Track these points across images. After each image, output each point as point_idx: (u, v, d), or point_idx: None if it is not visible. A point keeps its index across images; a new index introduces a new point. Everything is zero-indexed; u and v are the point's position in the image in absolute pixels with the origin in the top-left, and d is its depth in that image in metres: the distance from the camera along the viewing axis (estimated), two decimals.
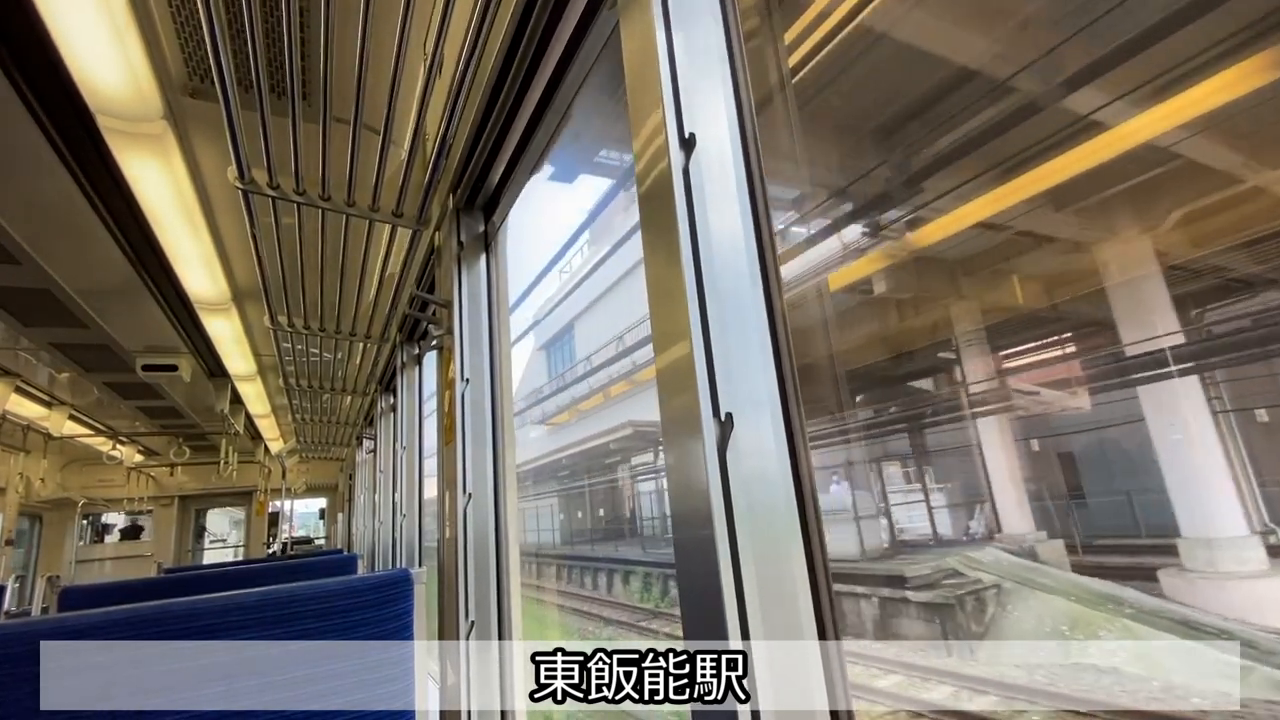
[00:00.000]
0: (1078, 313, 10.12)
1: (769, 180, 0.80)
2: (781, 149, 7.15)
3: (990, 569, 8.18)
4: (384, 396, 4.40)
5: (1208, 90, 5.84)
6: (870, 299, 9.55)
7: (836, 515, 10.31)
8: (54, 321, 3.26)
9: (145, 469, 8.38)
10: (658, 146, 0.75)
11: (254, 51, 1.23)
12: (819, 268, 8.28)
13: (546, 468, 22.52)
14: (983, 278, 9.76)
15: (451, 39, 1.20)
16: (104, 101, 1.67)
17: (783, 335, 0.73)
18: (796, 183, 8.39)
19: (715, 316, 0.70)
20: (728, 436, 0.66)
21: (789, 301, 1.14)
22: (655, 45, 0.77)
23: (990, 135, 6.98)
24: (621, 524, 19.76)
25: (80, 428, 5.83)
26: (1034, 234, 8.44)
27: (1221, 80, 5.74)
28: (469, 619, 1.66)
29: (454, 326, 1.87)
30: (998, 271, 9.50)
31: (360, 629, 1.16)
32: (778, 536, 0.66)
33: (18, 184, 2.09)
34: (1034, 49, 6.28)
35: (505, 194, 1.83)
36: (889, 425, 13.68)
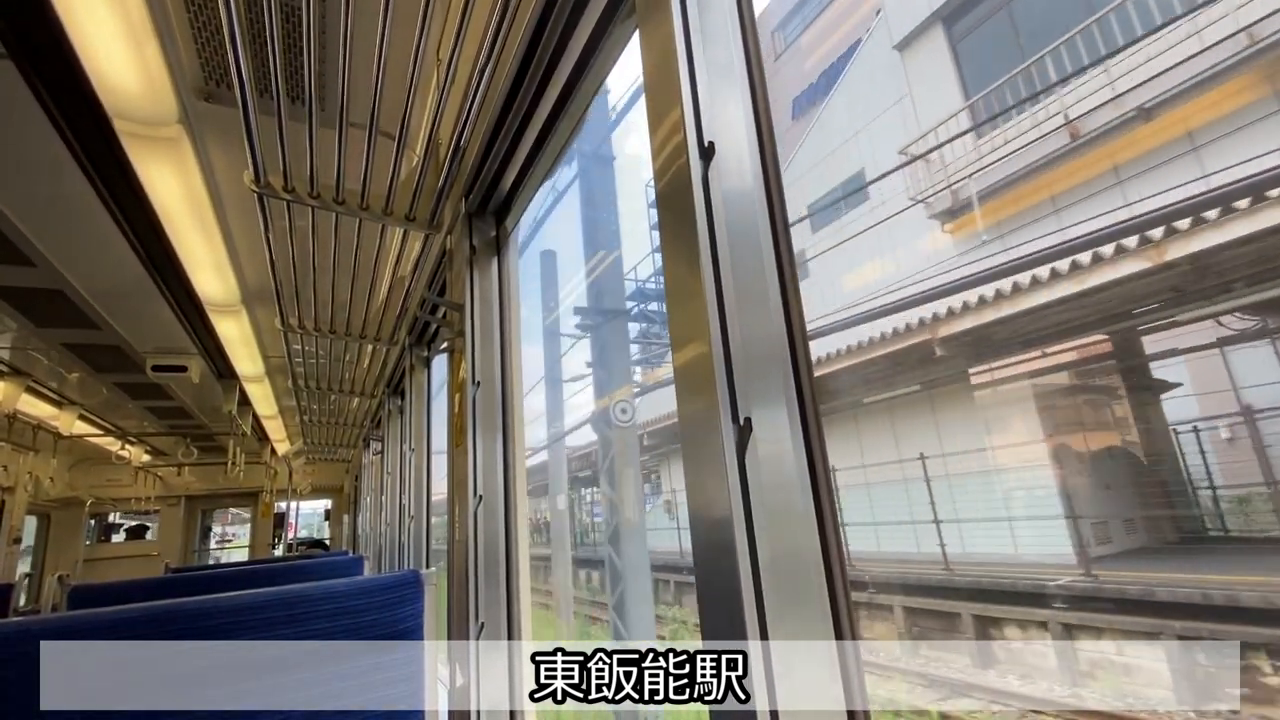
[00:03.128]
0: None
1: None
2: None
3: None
4: (392, 399, 4.41)
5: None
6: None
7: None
8: (66, 322, 3.29)
9: (153, 469, 8.43)
10: (677, 154, 0.76)
11: (273, 57, 1.25)
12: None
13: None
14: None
15: (467, 46, 1.22)
16: (121, 105, 1.69)
17: (800, 340, 0.73)
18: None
19: (734, 320, 0.71)
20: (747, 440, 0.67)
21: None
22: (675, 55, 0.78)
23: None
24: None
25: (89, 427, 5.87)
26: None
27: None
28: (479, 620, 1.67)
29: (465, 329, 1.88)
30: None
31: (371, 629, 1.16)
32: (796, 540, 0.67)
33: (35, 186, 2.11)
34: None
35: (518, 199, 1.85)
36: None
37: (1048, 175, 8.27)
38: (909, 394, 9.80)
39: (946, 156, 9.35)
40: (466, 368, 1.87)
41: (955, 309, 8.05)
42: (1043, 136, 8.03)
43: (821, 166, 12.78)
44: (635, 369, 17.46)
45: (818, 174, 12.86)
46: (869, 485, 10.16)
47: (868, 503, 10.15)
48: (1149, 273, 6.26)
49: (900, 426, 9.98)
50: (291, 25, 1.41)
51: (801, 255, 12.57)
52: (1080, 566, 6.85)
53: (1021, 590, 6.79)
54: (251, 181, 1.68)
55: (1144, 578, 6.10)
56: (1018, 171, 8.48)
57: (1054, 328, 7.77)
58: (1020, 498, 8.21)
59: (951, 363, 8.71)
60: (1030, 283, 7.14)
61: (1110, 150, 7.65)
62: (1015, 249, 7.89)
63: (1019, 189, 8.62)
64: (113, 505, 8.80)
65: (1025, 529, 7.90)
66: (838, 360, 9.59)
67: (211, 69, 1.68)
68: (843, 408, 10.73)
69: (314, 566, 2.74)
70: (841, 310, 9.64)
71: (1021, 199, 8.66)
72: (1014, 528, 8.02)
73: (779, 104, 15.88)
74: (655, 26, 0.83)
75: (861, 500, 10.24)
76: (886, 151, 10.78)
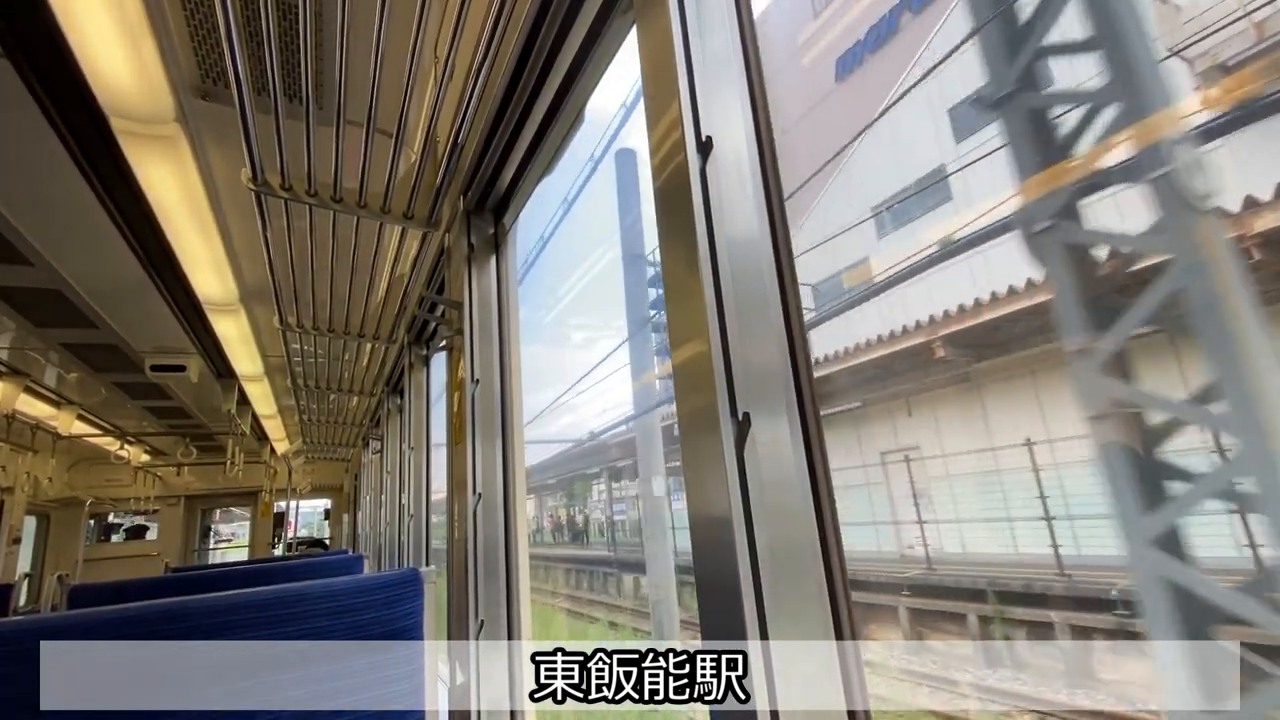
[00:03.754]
0: None
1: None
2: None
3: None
4: (391, 398, 4.41)
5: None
6: None
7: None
8: (65, 322, 3.28)
9: (152, 469, 8.42)
10: (675, 148, 0.76)
11: (270, 55, 1.24)
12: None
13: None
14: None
15: (464, 42, 1.21)
16: (118, 104, 1.69)
17: (799, 335, 0.73)
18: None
19: (732, 316, 0.70)
20: (745, 436, 0.66)
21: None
22: (673, 49, 0.77)
23: None
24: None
25: (88, 427, 5.87)
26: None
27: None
28: (478, 618, 1.67)
29: (464, 327, 1.88)
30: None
31: (370, 628, 1.15)
32: (795, 537, 0.67)
33: (32, 186, 2.11)
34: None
35: (516, 196, 1.84)
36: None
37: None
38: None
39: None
40: (465, 366, 1.87)
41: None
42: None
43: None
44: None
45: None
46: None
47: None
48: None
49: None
50: (288, 23, 1.41)
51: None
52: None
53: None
54: (249, 180, 1.67)
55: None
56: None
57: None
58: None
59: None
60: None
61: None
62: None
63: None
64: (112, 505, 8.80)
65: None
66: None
67: (208, 67, 1.67)
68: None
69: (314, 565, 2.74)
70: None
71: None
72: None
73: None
74: (653, 20, 0.83)
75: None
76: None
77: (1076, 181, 2.58)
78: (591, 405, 44.86)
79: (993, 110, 2.84)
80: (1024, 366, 9.04)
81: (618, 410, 26.22)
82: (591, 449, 20.20)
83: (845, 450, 11.87)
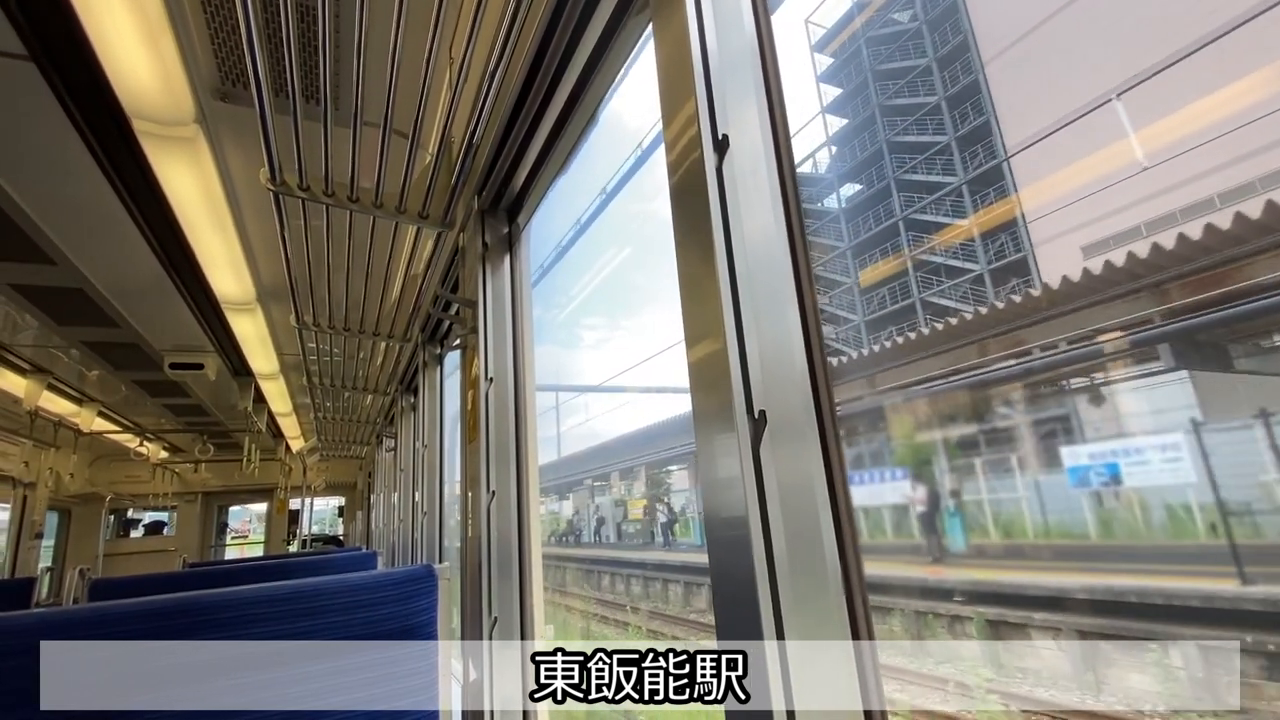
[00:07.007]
0: None
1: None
2: None
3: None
4: (404, 396, 4.44)
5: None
6: None
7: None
8: (86, 320, 3.34)
9: (170, 465, 8.54)
10: (691, 146, 0.76)
11: (289, 57, 1.26)
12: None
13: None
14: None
15: (480, 44, 1.22)
16: (139, 105, 1.71)
17: (815, 333, 0.73)
18: None
19: (749, 314, 0.70)
20: (761, 434, 0.66)
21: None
22: (689, 49, 0.77)
23: None
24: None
25: (108, 424, 5.96)
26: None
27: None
28: (492, 616, 1.68)
29: (478, 326, 1.89)
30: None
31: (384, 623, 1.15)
32: (811, 536, 0.67)
33: (55, 186, 2.14)
34: None
35: (529, 196, 1.85)
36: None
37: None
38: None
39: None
40: (479, 364, 1.88)
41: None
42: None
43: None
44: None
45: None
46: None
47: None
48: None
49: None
50: (307, 25, 1.42)
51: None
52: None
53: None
54: (267, 180, 1.69)
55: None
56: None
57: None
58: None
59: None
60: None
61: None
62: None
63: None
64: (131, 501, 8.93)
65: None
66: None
67: (228, 69, 1.69)
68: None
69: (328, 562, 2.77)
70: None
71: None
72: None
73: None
74: (668, 19, 0.83)
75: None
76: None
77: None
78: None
79: None
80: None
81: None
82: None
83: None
